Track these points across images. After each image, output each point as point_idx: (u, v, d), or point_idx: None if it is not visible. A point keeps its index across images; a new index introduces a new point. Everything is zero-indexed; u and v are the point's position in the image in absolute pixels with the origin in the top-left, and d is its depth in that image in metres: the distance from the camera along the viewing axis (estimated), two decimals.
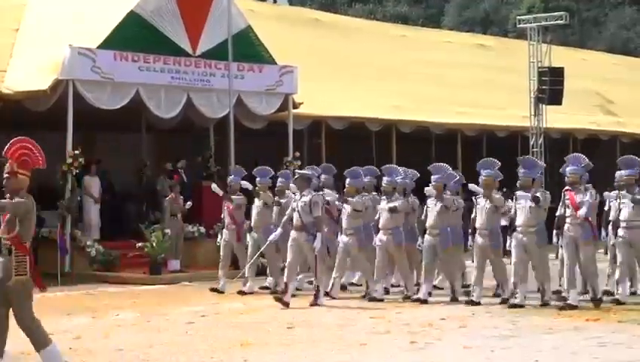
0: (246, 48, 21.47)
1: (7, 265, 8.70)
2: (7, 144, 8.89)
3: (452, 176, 15.63)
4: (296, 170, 15.38)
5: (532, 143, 26.08)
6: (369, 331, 11.94)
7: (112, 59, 19.63)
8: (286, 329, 12.11)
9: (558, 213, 14.31)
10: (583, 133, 31.20)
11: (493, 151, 17.85)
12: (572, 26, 50.86)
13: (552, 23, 27.60)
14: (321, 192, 15.57)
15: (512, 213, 14.39)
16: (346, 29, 32.51)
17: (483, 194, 14.46)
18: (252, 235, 16.39)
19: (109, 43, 19.66)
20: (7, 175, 8.82)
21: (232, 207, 16.51)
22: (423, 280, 15.17)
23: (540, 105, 26.19)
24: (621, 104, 35.47)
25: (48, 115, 19.44)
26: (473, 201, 14.92)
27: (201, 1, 20.96)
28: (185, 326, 12.56)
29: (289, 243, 14.72)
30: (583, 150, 29.42)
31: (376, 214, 15.47)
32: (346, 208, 15.44)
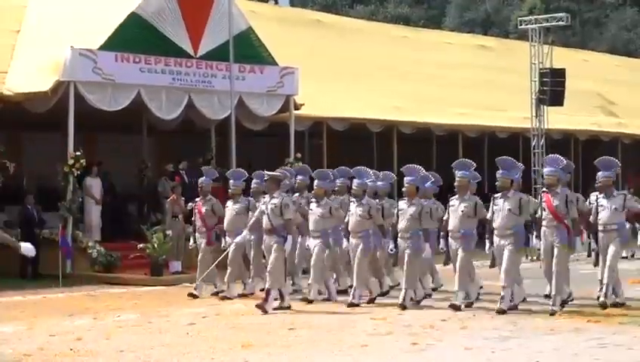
0: (247, 49, 21.50)
1: None
2: None
3: (426, 178, 15.11)
4: (265, 171, 15.06)
5: (533, 144, 26.03)
6: (370, 332, 11.94)
7: (113, 60, 19.66)
8: (287, 331, 12.10)
9: (537, 215, 13.83)
10: (585, 134, 31.28)
11: (495, 152, 17.78)
12: (573, 27, 50.92)
13: (553, 24, 27.53)
14: (294, 194, 15.37)
15: (489, 216, 13.88)
16: (347, 30, 32.49)
17: (457, 197, 14.16)
18: (226, 239, 15.98)
19: (110, 44, 19.69)
20: None
21: (203, 210, 16.32)
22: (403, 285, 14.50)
23: (542, 106, 26.13)
24: (622, 105, 35.48)
25: (49, 116, 19.45)
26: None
27: (203, 3, 20.98)
28: (186, 327, 12.55)
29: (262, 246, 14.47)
30: (584, 151, 29.72)
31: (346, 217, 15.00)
32: (314, 210, 15.21)
